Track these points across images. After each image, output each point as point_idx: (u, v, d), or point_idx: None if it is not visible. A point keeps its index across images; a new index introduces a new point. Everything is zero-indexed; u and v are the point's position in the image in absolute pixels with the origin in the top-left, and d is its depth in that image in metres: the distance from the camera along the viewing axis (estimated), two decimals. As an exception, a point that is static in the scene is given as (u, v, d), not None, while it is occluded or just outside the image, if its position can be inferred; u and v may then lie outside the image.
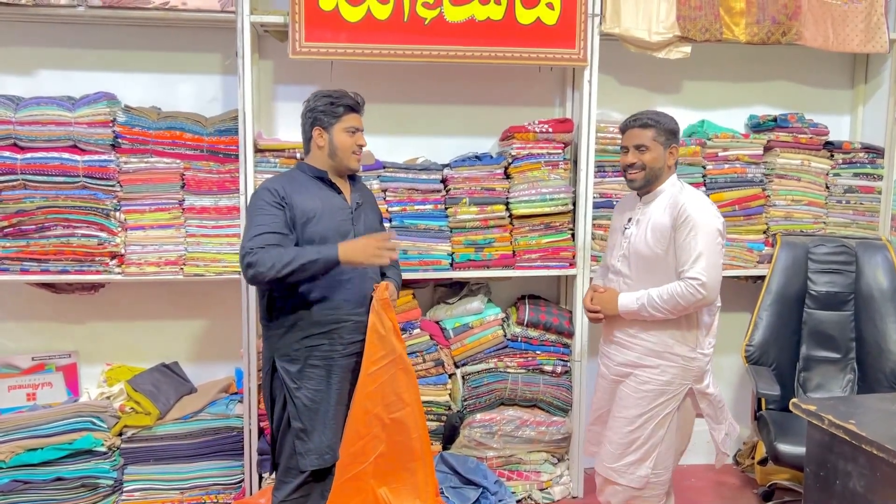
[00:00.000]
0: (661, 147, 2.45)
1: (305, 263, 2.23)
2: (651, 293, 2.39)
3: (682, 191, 2.47)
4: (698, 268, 2.32)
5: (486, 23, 3.02)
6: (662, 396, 2.43)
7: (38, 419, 2.93)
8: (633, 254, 2.48)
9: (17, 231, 2.94)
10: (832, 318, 3.20)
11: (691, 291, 2.32)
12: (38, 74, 3.18)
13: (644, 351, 2.45)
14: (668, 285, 2.37)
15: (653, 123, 2.45)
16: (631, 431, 2.45)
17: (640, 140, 2.46)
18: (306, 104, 2.47)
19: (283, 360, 2.36)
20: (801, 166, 3.42)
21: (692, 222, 2.34)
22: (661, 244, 2.40)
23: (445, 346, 3.25)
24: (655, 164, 2.45)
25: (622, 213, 2.64)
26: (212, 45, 3.22)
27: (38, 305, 3.25)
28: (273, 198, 2.33)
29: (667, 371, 2.43)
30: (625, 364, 2.49)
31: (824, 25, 3.31)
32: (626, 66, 3.45)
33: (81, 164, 2.94)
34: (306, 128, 2.46)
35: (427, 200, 3.19)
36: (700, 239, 2.34)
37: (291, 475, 2.37)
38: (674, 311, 2.36)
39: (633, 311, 2.42)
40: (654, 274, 2.42)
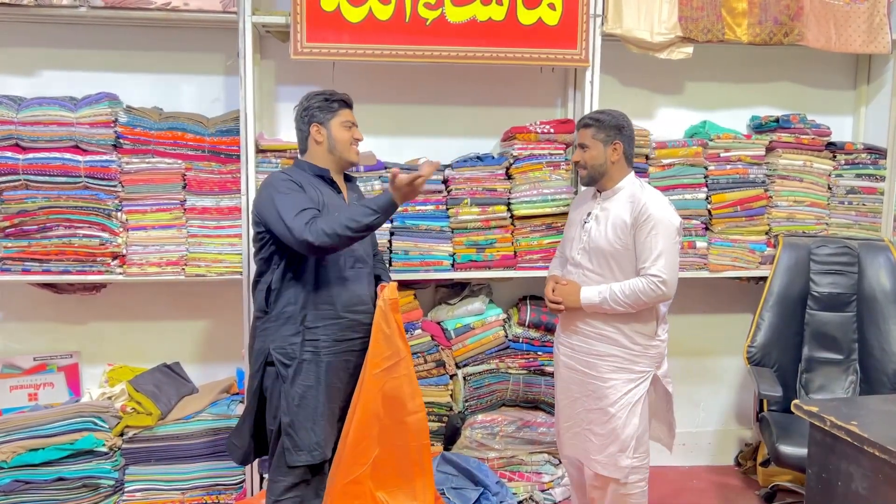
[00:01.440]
0: (601, 144, 2.55)
1: (369, 223, 2.24)
2: (613, 288, 2.48)
3: (643, 189, 2.56)
4: (659, 265, 2.44)
5: (488, 23, 3.02)
6: (630, 384, 2.52)
7: (39, 419, 2.94)
8: (593, 248, 2.55)
9: (19, 231, 2.95)
10: (834, 320, 3.19)
11: (652, 288, 2.43)
12: (40, 75, 3.19)
13: (608, 341, 2.53)
14: (629, 281, 2.48)
15: (591, 122, 2.57)
16: (607, 422, 2.51)
17: (582, 139, 2.59)
18: (300, 105, 2.50)
19: (278, 352, 2.35)
20: (804, 167, 3.42)
21: (653, 221, 2.45)
22: (621, 240, 2.50)
23: (447, 346, 3.25)
24: (595, 162, 2.55)
25: (579, 206, 2.72)
26: (213, 45, 3.22)
27: (40, 306, 3.26)
28: (289, 184, 2.35)
29: (633, 360, 2.52)
30: (591, 354, 2.56)
31: (826, 26, 3.30)
32: (627, 66, 3.45)
33: (83, 164, 2.95)
34: (303, 126, 2.48)
35: (428, 201, 3.19)
36: (660, 238, 2.45)
37: (283, 473, 2.36)
38: (634, 305, 2.46)
39: (595, 304, 2.50)
40: (614, 268, 2.52)
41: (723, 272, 3.37)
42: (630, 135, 2.59)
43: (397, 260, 3.14)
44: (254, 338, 2.47)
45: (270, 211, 2.30)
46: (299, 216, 2.24)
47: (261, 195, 2.39)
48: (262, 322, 2.42)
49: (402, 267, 3.14)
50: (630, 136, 2.59)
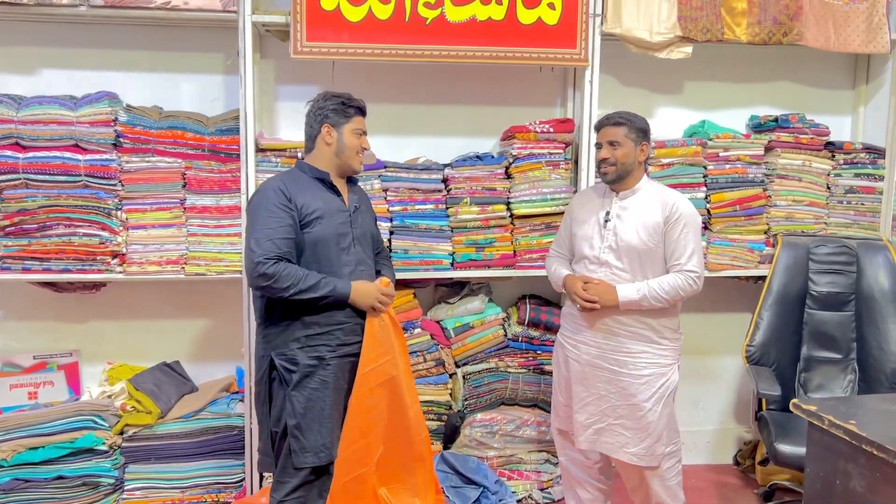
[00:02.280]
0: (632, 143, 2.59)
1: (319, 296, 2.30)
2: (651, 285, 2.53)
3: (664, 189, 2.66)
4: (694, 262, 2.55)
5: (488, 23, 3.02)
6: (662, 378, 2.57)
7: (39, 418, 2.94)
8: (623, 246, 2.58)
9: (19, 230, 2.95)
10: (833, 319, 3.19)
11: (689, 283, 2.54)
12: (40, 74, 3.19)
13: (639, 338, 2.57)
14: (664, 277, 2.55)
15: (624, 121, 2.61)
16: (642, 416, 2.54)
17: (614, 136, 2.60)
18: (315, 103, 2.48)
19: (281, 358, 2.35)
20: (803, 167, 3.42)
21: (684, 219, 2.55)
22: (654, 239, 2.56)
23: (446, 345, 3.25)
24: (627, 160, 2.59)
25: (586, 205, 2.73)
26: (213, 44, 3.22)
27: (40, 304, 3.26)
28: (279, 198, 2.33)
29: (662, 354, 2.58)
30: (621, 352, 2.57)
31: (826, 26, 3.31)
32: (627, 66, 3.45)
33: (83, 163, 2.95)
34: (314, 124, 2.46)
35: (428, 200, 3.20)
36: (692, 235, 2.56)
37: (289, 474, 2.36)
38: (673, 300, 2.55)
39: (634, 301, 2.53)
40: (645, 265, 2.57)
41: (722, 271, 3.38)
42: (650, 139, 2.68)
43: (397, 259, 3.14)
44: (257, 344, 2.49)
45: (250, 222, 2.35)
46: (266, 245, 2.27)
47: (252, 201, 2.40)
48: (263, 329, 2.43)
49: (401, 266, 3.14)
50: (650, 139, 2.68)
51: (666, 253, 2.57)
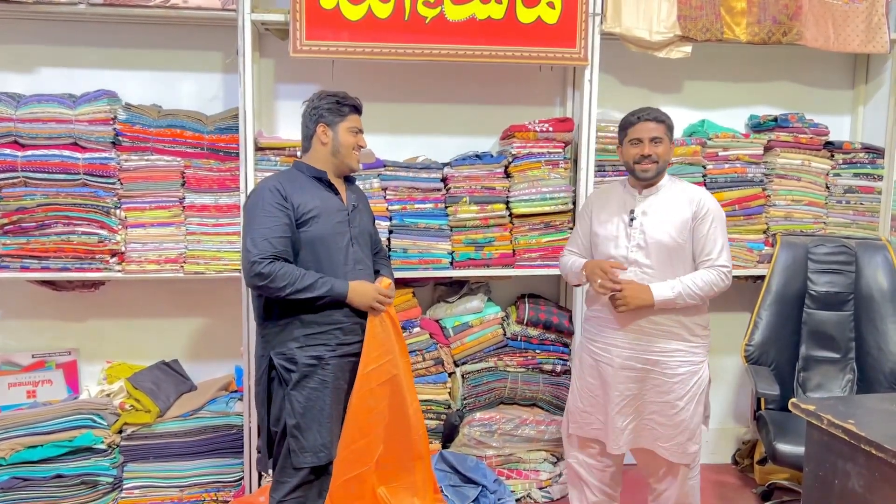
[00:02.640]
0: (669, 141, 2.59)
1: (316, 295, 2.30)
2: (685, 282, 2.48)
3: (688, 185, 2.64)
4: (724, 257, 2.53)
5: (487, 22, 3.02)
6: (696, 376, 2.54)
7: (38, 416, 2.94)
8: (653, 244, 2.52)
9: (18, 228, 2.95)
10: (832, 319, 3.20)
11: (722, 278, 2.51)
12: (39, 72, 3.18)
13: (671, 336, 2.52)
14: (697, 274, 2.50)
15: (664, 118, 2.58)
16: (676, 414, 2.52)
17: (657, 133, 2.55)
18: (310, 102, 2.48)
19: (279, 357, 2.35)
20: (802, 166, 3.43)
21: (712, 214, 2.53)
22: (683, 235, 2.52)
23: (445, 344, 3.25)
24: (667, 157, 2.58)
25: (607, 204, 2.65)
26: (213, 43, 3.22)
27: (39, 303, 3.25)
28: (275, 198, 2.33)
29: (694, 351, 2.54)
30: (652, 351, 2.52)
31: (825, 26, 3.31)
32: (626, 65, 3.45)
33: (82, 161, 2.95)
34: (309, 124, 2.46)
35: (427, 199, 3.20)
36: (720, 230, 2.54)
37: (288, 474, 2.36)
38: (706, 297, 2.51)
39: (669, 299, 2.48)
40: (675, 263, 2.53)
41: (721, 271, 3.38)
42: None
43: (396, 258, 3.14)
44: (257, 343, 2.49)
45: (247, 222, 2.36)
46: (262, 244, 2.27)
47: (249, 201, 2.41)
48: (261, 328, 2.43)
49: (400, 265, 3.14)
50: None
51: (695, 249, 2.53)
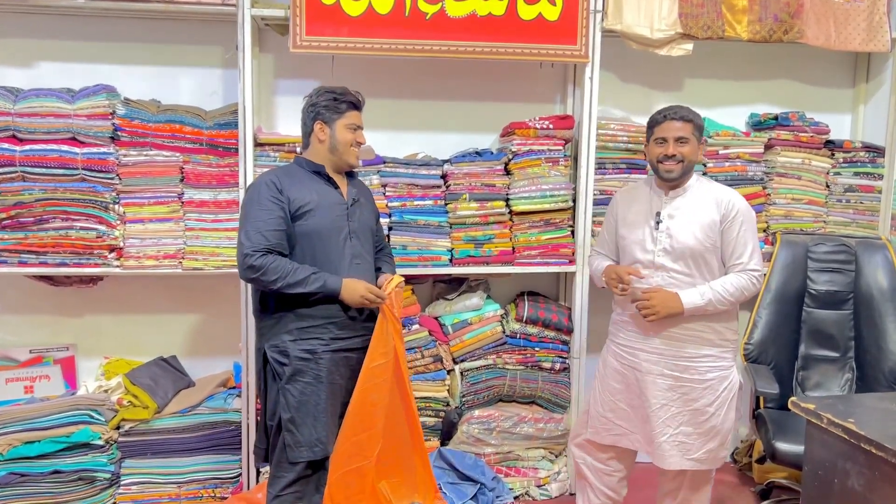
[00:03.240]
0: (696, 141, 2.51)
1: (309, 291, 2.30)
2: (714, 288, 2.42)
3: (716, 186, 2.55)
4: (756, 260, 2.45)
5: (488, 18, 3.01)
6: (726, 381, 2.50)
7: (35, 412, 2.93)
8: (680, 248, 2.45)
9: (16, 223, 2.94)
10: (831, 318, 3.19)
11: (754, 283, 2.45)
12: (37, 66, 3.17)
13: (701, 342, 2.47)
14: (727, 279, 2.44)
15: (691, 117, 2.51)
16: (706, 420, 2.48)
17: (682, 132, 2.48)
18: (308, 99, 2.48)
19: (273, 350, 2.36)
20: (802, 165, 3.42)
21: (742, 216, 2.44)
22: (710, 238, 2.45)
23: (444, 341, 3.25)
24: (693, 158, 2.50)
25: (632, 205, 2.59)
26: (212, 38, 3.21)
27: (37, 298, 3.25)
28: (271, 192, 2.34)
29: (723, 356, 2.50)
30: (682, 357, 2.47)
31: (826, 24, 3.30)
32: (627, 62, 3.45)
33: (80, 156, 2.93)
34: (307, 121, 2.47)
35: (427, 196, 3.19)
36: (750, 233, 2.46)
37: (284, 469, 2.36)
38: (738, 302, 2.46)
39: (700, 306, 2.42)
40: (702, 267, 2.47)
41: (720, 269, 3.38)
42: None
43: (395, 255, 3.12)
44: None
45: (243, 215, 2.36)
46: (256, 237, 2.28)
47: (246, 195, 2.41)
48: (258, 321, 2.44)
49: (400, 262, 3.13)
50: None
51: (724, 252, 2.45)
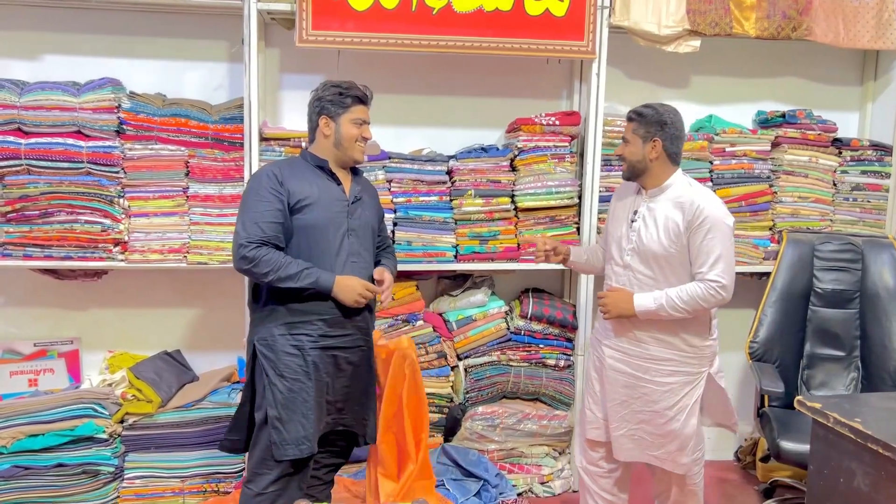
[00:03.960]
0: (640, 140, 2.44)
1: (301, 286, 2.29)
2: (670, 294, 2.38)
3: (692, 188, 2.45)
4: (718, 270, 2.34)
5: (495, 13, 3.00)
6: (687, 387, 2.47)
7: (39, 405, 2.93)
8: (643, 250, 2.44)
9: (21, 216, 2.94)
10: (837, 316, 3.18)
11: (712, 293, 2.34)
12: (43, 59, 3.17)
13: (663, 345, 2.45)
14: (686, 286, 2.38)
15: (634, 117, 2.47)
16: (664, 424, 2.46)
17: (625, 132, 2.50)
18: (314, 93, 2.46)
19: (261, 343, 2.34)
20: (809, 163, 3.40)
21: (709, 223, 2.35)
22: (675, 243, 2.39)
23: (448, 338, 3.24)
24: (633, 158, 2.46)
25: (623, 199, 2.60)
26: (218, 32, 3.20)
27: (41, 291, 3.25)
28: (271, 183, 2.34)
29: (688, 363, 2.46)
30: (644, 357, 2.48)
31: (835, 21, 3.29)
32: (634, 59, 3.43)
33: (86, 149, 2.93)
34: (313, 116, 2.45)
35: (432, 192, 3.18)
36: (717, 241, 2.35)
37: (268, 466, 2.33)
38: (693, 311, 2.38)
39: (650, 311, 2.40)
40: (667, 271, 2.43)
41: (726, 267, 3.36)
42: (675, 133, 2.44)
43: (400, 250, 3.13)
44: None
45: (241, 206, 2.37)
46: (253, 228, 2.28)
47: (249, 184, 2.42)
48: (251, 313, 2.46)
49: (405, 258, 3.13)
50: (675, 133, 2.44)
51: (690, 259, 2.40)
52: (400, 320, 3.19)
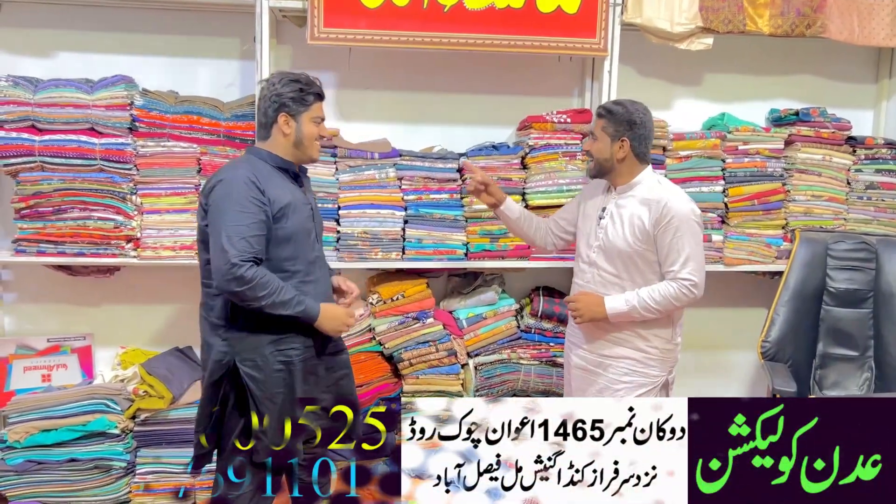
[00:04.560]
0: (608, 138, 2.41)
1: (289, 314, 2.18)
2: (641, 295, 2.36)
3: (660, 186, 2.42)
4: (689, 268, 2.34)
5: (506, 11, 2.99)
6: (642, 388, 2.44)
7: (52, 400, 2.95)
8: (609, 248, 2.43)
9: (35, 213, 2.95)
10: (850, 316, 3.16)
11: (685, 293, 2.34)
12: (56, 56, 3.18)
13: (624, 344, 2.44)
14: (657, 286, 2.37)
15: (604, 113, 2.43)
16: None
17: (594, 128, 2.47)
18: (269, 86, 2.30)
19: (247, 364, 2.23)
20: (823, 161, 3.38)
21: (677, 221, 2.33)
22: (641, 242, 2.38)
23: (458, 335, 3.24)
24: (599, 156, 2.44)
25: (593, 196, 2.59)
26: (230, 29, 3.21)
27: (55, 287, 3.27)
28: (251, 191, 2.17)
29: (646, 362, 2.44)
30: (603, 355, 2.47)
31: (850, 18, 3.26)
32: (646, 56, 3.41)
33: (99, 146, 2.95)
34: (269, 112, 2.29)
35: (443, 189, 3.18)
36: (686, 238, 2.34)
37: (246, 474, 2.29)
38: (665, 311, 2.38)
39: (623, 313, 2.38)
40: (631, 270, 2.41)
41: (738, 266, 3.35)
42: (643, 133, 2.42)
43: (410, 248, 3.13)
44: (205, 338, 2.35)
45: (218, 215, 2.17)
46: (241, 243, 2.11)
47: (218, 192, 2.19)
48: (224, 330, 2.27)
49: (415, 255, 3.13)
50: (643, 133, 2.42)
51: (659, 258, 2.38)
52: (410, 318, 3.18)
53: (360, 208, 3.10)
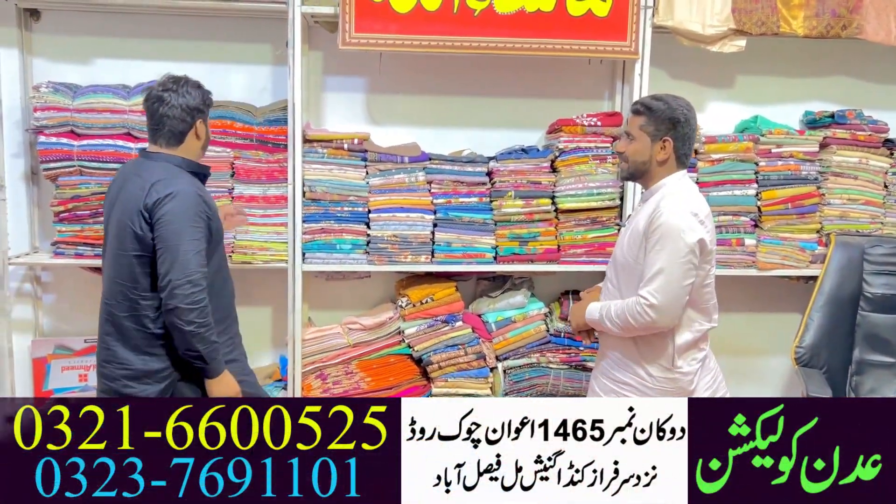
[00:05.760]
0: (648, 138, 2.15)
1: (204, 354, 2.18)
2: (609, 305, 2.18)
3: (672, 194, 2.13)
4: (653, 286, 2.04)
5: (537, 14, 2.99)
6: None
7: (89, 400, 3.01)
8: (615, 258, 2.27)
9: (73, 216, 3.02)
10: (888, 322, 3.10)
11: (639, 311, 2.06)
12: (94, 63, 3.25)
13: (624, 367, 2.21)
14: (625, 301, 2.14)
15: (643, 110, 2.16)
16: None
17: (630, 127, 2.21)
18: (189, 94, 2.29)
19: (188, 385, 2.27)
20: (859, 164, 3.32)
21: (661, 232, 2.05)
22: (633, 252, 2.15)
23: (487, 339, 3.24)
24: (637, 158, 2.18)
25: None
26: (263, 35, 3.25)
27: (92, 289, 3.31)
28: (199, 207, 2.19)
29: (643, 392, 2.17)
30: (608, 377, 2.28)
31: (887, 19, 3.20)
32: (677, 59, 3.39)
33: (135, 151, 3.00)
34: (188, 118, 2.28)
35: (472, 193, 3.18)
36: (664, 253, 2.04)
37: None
38: (625, 329, 2.12)
39: (595, 321, 2.21)
40: (626, 282, 2.19)
41: (771, 270, 3.30)
42: (688, 132, 2.16)
43: (440, 251, 3.14)
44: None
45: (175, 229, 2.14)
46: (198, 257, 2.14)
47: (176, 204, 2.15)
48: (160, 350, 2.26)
49: (444, 259, 3.14)
50: (687, 133, 2.17)
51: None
52: (439, 321, 3.19)
53: (390, 212, 3.12)
